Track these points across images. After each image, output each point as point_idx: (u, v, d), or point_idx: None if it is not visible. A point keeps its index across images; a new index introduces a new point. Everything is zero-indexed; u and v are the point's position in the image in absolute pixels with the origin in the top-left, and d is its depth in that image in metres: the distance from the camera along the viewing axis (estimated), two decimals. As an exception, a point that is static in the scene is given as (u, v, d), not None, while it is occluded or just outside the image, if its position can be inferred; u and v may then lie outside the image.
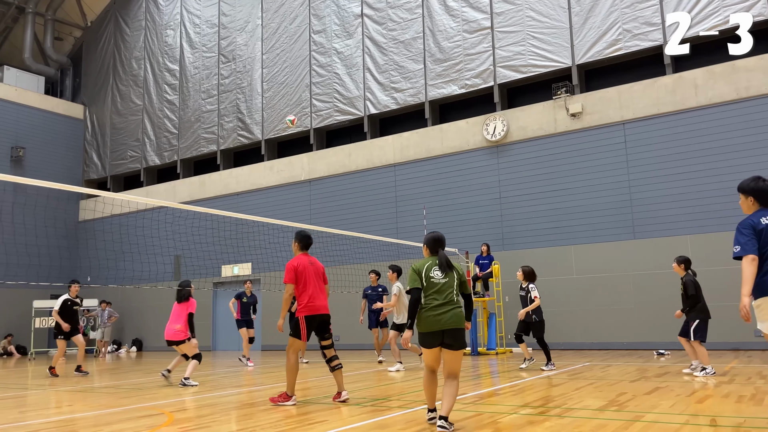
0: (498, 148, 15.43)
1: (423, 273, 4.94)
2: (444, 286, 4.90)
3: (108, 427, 5.57)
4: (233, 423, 5.77)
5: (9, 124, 22.16)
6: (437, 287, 4.89)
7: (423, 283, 4.90)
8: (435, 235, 5.19)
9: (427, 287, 4.90)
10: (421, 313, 4.88)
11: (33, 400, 8.35)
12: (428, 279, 4.91)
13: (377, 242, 14.68)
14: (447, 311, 4.83)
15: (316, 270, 6.71)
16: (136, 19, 23.73)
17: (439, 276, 4.92)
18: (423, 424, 5.17)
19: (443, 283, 4.91)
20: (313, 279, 6.61)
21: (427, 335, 4.87)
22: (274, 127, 19.56)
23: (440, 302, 4.85)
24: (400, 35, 17.34)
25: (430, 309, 4.85)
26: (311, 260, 6.79)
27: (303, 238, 6.93)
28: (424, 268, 4.96)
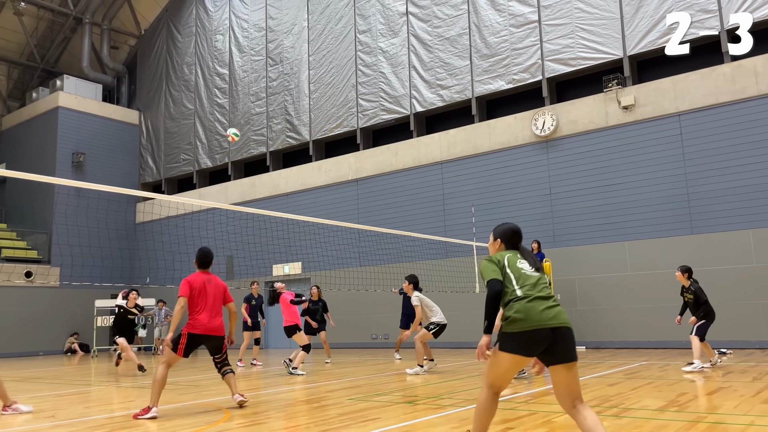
0: (547, 143, 15.17)
1: (505, 262, 3.73)
2: (539, 280, 3.67)
3: (169, 422, 5.75)
4: (288, 419, 5.87)
5: (70, 131, 23.11)
6: (531, 279, 3.65)
7: (508, 272, 3.68)
8: (513, 227, 3.96)
9: (518, 278, 3.65)
10: (518, 305, 3.52)
11: (97, 396, 8.70)
12: (515, 269, 3.69)
13: (424, 241, 14.66)
14: (552, 306, 3.54)
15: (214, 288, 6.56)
16: (187, 26, 24.38)
17: (528, 267, 3.73)
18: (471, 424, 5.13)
19: (537, 276, 3.69)
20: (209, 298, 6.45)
21: (523, 336, 3.47)
22: (321, 128, 19.77)
23: (540, 295, 3.57)
24: (445, 32, 17.25)
25: (534, 300, 3.53)
26: (210, 278, 6.65)
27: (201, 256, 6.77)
28: (506, 257, 3.76)
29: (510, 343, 3.51)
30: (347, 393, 7.49)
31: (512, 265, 3.72)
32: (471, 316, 15.39)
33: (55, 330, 21.24)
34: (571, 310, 14.15)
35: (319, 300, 12.60)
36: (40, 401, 7.67)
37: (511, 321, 3.51)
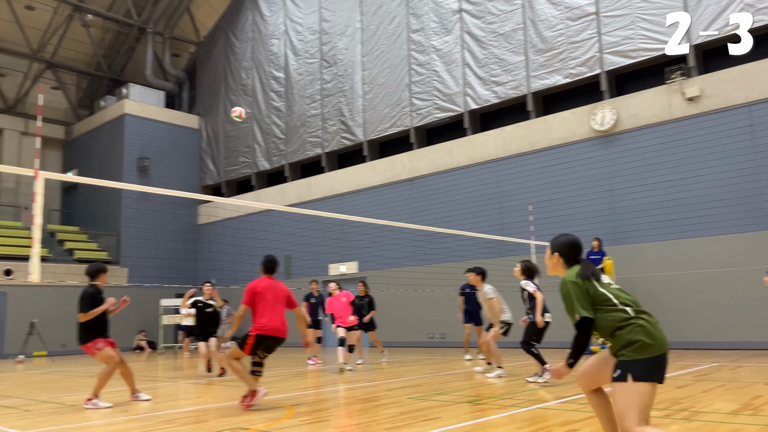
0: (607, 138, 14.78)
1: (593, 287, 3.26)
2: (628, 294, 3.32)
3: (236, 418, 5.93)
4: (349, 417, 5.95)
5: (135, 137, 24.08)
6: (625, 295, 3.29)
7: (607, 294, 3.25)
8: (571, 239, 3.57)
9: (618, 297, 3.24)
10: (637, 324, 3.13)
11: (164, 392, 9.04)
12: (608, 289, 3.28)
13: (480, 239, 14.54)
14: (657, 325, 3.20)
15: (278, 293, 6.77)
16: (244, 32, 24.98)
17: (613, 283, 3.37)
18: (539, 423, 5.08)
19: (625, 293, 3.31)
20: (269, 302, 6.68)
21: (659, 360, 3.10)
22: (375, 128, 19.88)
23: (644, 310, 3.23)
24: (499, 28, 17.05)
25: (649, 319, 3.17)
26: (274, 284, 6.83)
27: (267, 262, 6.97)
28: (589, 280, 3.29)
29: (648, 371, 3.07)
30: (407, 392, 7.52)
31: (601, 286, 3.28)
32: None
33: (124, 328, 22.15)
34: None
35: (366, 296, 12.59)
36: (114, 396, 8.03)
37: (639, 348, 3.08)
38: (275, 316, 6.63)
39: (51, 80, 26.81)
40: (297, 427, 5.34)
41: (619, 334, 3.13)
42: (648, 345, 3.08)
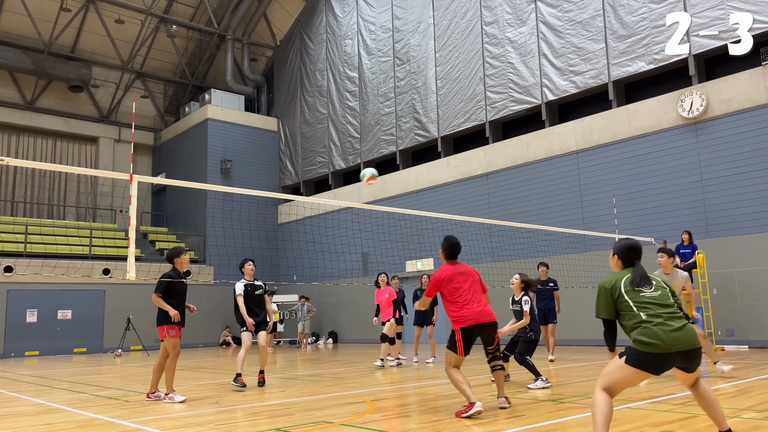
0: (696, 125, 13.99)
1: (621, 291, 3.87)
2: (661, 299, 3.81)
3: (319, 412, 6.06)
4: (432, 413, 5.94)
5: (218, 141, 25.08)
6: (654, 301, 3.80)
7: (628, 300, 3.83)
8: (630, 243, 4.08)
9: (638, 305, 3.80)
10: (645, 328, 3.71)
11: (250, 386, 9.36)
12: (635, 296, 3.83)
13: (561, 234, 14.14)
14: (682, 326, 3.70)
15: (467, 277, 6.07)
16: (318, 33, 25.45)
17: (649, 290, 3.85)
18: (629, 423, 4.88)
19: (659, 296, 3.82)
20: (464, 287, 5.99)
21: (656, 357, 3.67)
22: (449, 124, 19.75)
23: (668, 313, 3.74)
24: (577, 15, 16.50)
25: (661, 324, 3.69)
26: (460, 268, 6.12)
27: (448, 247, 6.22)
28: (620, 285, 3.89)
29: (640, 360, 3.72)
30: (487, 389, 7.43)
31: (629, 292, 3.87)
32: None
33: (211, 324, 23.16)
34: (730, 306, 12.97)
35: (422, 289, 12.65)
36: (205, 389, 8.41)
37: (642, 344, 3.71)
38: (473, 301, 5.93)
39: (140, 89, 28.37)
40: (379, 422, 5.39)
41: (632, 334, 3.80)
42: (647, 344, 3.68)
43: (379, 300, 11.87)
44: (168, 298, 7.44)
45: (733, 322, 12.91)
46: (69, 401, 7.71)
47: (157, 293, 7.41)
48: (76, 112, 27.04)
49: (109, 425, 5.75)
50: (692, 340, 3.69)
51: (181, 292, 7.59)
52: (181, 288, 7.57)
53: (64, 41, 25.44)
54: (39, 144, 26.49)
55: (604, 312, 3.92)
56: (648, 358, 3.68)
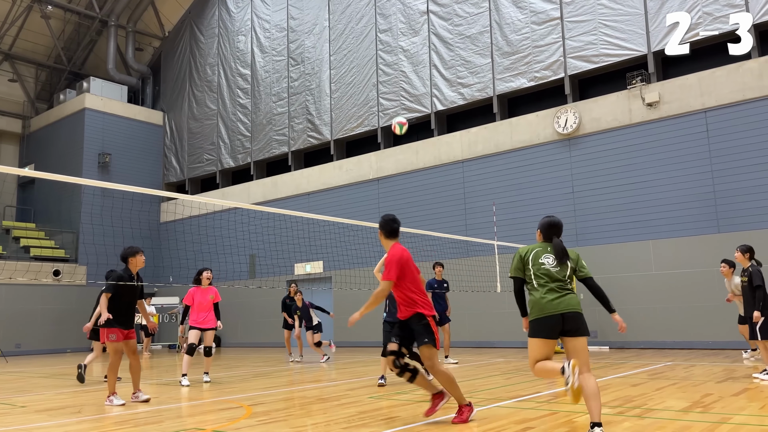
0: (570, 141, 15.02)
1: (531, 258, 4.52)
2: (558, 273, 4.45)
3: (191, 419, 5.83)
4: (308, 417, 5.90)
5: (96, 132, 23.51)
6: (549, 273, 4.44)
7: (530, 269, 4.49)
8: (551, 220, 4.69)
9: (536, 273, 4.46)
10: (534, 297, 4.43)
11: (121, 393, 8.83)
12: (537, 264, 4.48)
13: (446, 240, 14.62)
14: (564, 295, 4.37)
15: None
16: (210, 27, 24.63)
17: (550, 263, 4.47)
18: (495, 422, 5.11)
19: (557, 270, 4.45)
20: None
21: (542, 321, 4.34)
22: (342, 127, 19.82)
23: (554, 287, 4.39)
24: (466, 30, 17.18)
25: (548, 292, 4.38)
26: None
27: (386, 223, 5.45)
28: (533, 253, 4.54)
29: (533, 328, 4.45)
30: (367, 391, 7.50)
31: (536, 259, 4.53)
32: (493, 315, 15.34)
33: (82, 328, 21.61)
34: (594, 309, 13.93)
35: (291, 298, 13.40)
36: (67, 396, 7.81)
37: (531, 310, 4.47)
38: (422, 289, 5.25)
39: (8, 72, 26.01)
40: (254, 428, 5.27)
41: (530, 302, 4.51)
42: (534, 308, 4.42)
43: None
44: (117, 300, 6.92)
45: (597, 324, 13.95)
46: None
47: (107, 293, 6.90)
48: (-71, 92, 24.31)
49: (-51, 440, 5.19)
50: (574, 306, 4.36)
51: (133, 294, 7.00)
52: (132, 290, 6.97)
53: None
54: None
55: (513, 271, 4.62)
56: (537, 324, 4.40)
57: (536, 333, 4.40)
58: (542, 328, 4.36)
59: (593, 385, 4.25)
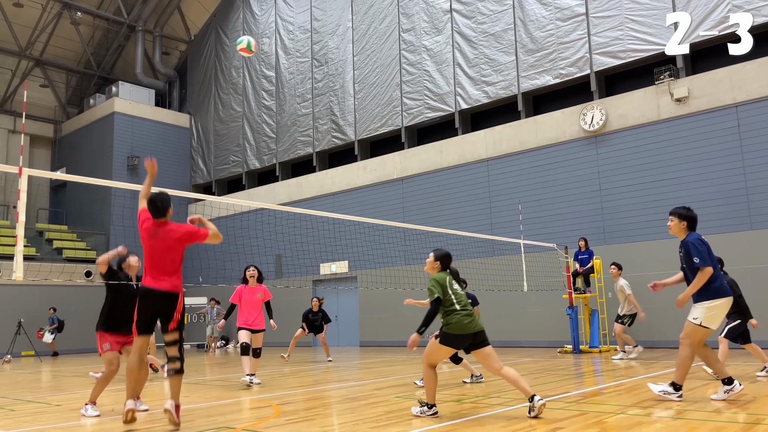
0: (596, 138, 14.84)
1: (447, 285, 5.60)
2: (465, 298, 5.63)
3: (221, 417, 5.91)
4: (336, 416, 5.94)
5: (125, 135, 23.96)
6: (461, 297, 5.57)
7: (450, 292, 5.54)
8: (446, 252, 5.88)
9: (456, 297, 5.54)
10: (456, 317, 5.45)
11: (152, 391, 8.98)
12: (454, 291, 5.59)
13: (471, 239, 14.56)
14: (474, 318, 5.53)
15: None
16: (234, 30, 24.89)
17: (459, 289, 5.65)
18: (524, 422, 5.08)
19: (463, 294, 5.65)
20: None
21: (458, 337, 5.46)
22: (366, 128, 19.88)
23: (468, 311, 5.52)
24: (490, 28, 17.09)
25: (466, 315, 5.46)
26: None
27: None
28: (446, 281, 5.62)
29: (449, 340, 5.47)
30: (394, 391, 7.52)
31: (451, 286, 5.61)
32: (520, 315, 15.23)
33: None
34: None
35: (320, 311, 13.67)
36: (100, 396, 7.97)
37: (450, 327, 5.45)
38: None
39: (40, 78, 26.63)
40: (283, 426, 5.32)
41: (446, 318, 5.50)
42: (454, 326, 5.43)
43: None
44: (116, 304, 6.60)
45: (626, 323, 13.76)
46: None
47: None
48: (-35, 99, 25.03)
49: (-11, 437, 5.35)
50: (478, 325, 5.48)
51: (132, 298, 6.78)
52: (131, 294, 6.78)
53: (-48, 22, 23.49)
54: None
55: (440, 293, 5.52)
56: (455, 338, 5.45)
57: (452, 344, 5.50)
58: (457, 342, 5.48)
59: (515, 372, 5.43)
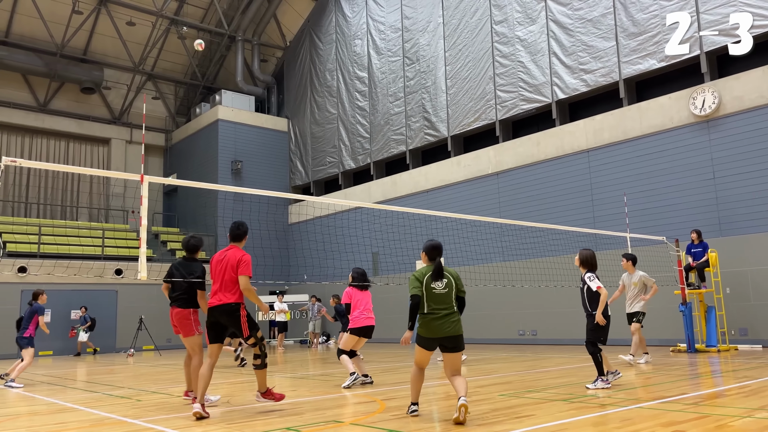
0: (708, 123, 13.88)
1: (424, 282, 5.40)
2: (445, 297, 5.39)
3: (329, 411, 6.08)
4: (441, 413, 5.94)
5: (228, 141, 25.21)
6: (439, 298, 5.36)
7: (424, 291, 5.37)
8: (434, 243, 5.62)
9: (428, 297, 5.36)
10: (424, 319, 5.38)
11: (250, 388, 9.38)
12: (429, 290, 5.37)
13: (572, 233, 14.08)
14: (448, 320, 5.34)
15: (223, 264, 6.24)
16: (328, 34, 25.50)
17: (440, 287, 5.38)
18: (639, 423, 4.85)
19: (444, 294, 5.39)
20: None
21: (427, 340, 5.41)
22: (459, 123, 19.71)
23: (442, 312, 5.34)
24: (587, 14, 16.41)
25: (434, 319, 5.34)
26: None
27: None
28: (425, 278, 5.42)
29: (420, 341, 5.51)
30: (498, 389, 7.42)
31: (428, 285, 5.40)
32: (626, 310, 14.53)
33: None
34: (744, 305, 12.84)
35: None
36: (215, 388, 8.46)
37: (420, 328, 5.44)
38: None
39: (151, 91, 28.56)
40: (389, 422, 5.40)
41: (419, 320, 5.43)
42: (423, 328, 5.42)
43: None
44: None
45: (747, 321, 12.80)
46: (82, 400, 7.78)
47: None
48: (88, 113, 27.28)
49: (121, 424, 5.80)
50: (455, 329, 5.36)
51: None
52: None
53: (76, 43, 25.66)
54: (52, 145, 26.74)
55: (417, 290, 5.39)
56: (423, 340, 5.44)
57: (423, 345, 5.47)
58: (427, 344, 5.44)
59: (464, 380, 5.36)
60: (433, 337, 5.34)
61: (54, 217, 25.91)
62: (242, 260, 6.23)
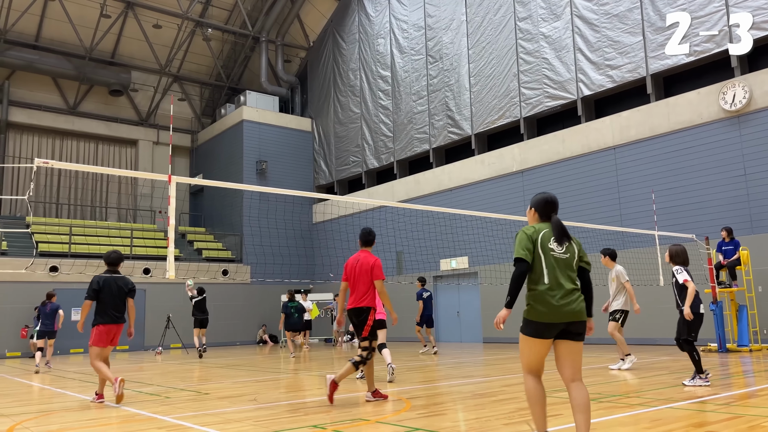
0: (739, 118, 13.59)
1: (539, 242, 3.77)
2: (567, 263, 3.77)
3: (356, 410, 6.10)
4: (467, 412, 5.92)
5: (253, 142, 25.43)
6: (562, 264, 3.76)
7: (540, 254, 3.75)
8: (546, 196, 3.96)
9: (546, 263, 3.73)
10: (538, 296, 3.71)
11: (287, 383, 9.47)
12: (547, 252, 3.75)
13: (599, 231, 13.89)
14: (574, 299, 3.72)
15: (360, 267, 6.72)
16: (351, 33, 25.56)
17: (559, 250, 3.77)
18: (670, 424, 4.78)
19: (565, 258, 3.76)
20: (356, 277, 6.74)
21: (544, 326, 3.70)
22: (483, 121, 19.60)
23: (564, 285, 3.71)
24: (613, 9, 16.19)
25: (554, 295, 3.69)
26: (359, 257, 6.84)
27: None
28: (541, 235, 3.79)
29: (530, 329, 3.75)
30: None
31: (544, 245, 3.77)
32: (657, 311, 14.32)
33: (248, 322, 23.52)
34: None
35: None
36: (243, 386, 8.55)
37: (531, 310, 3.74)
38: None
39: (177, 92, 28.95)
40: (415, 420, 5.40)
41: (528, 294, 3.77)
42: (535, 310, 3.71)
43: None
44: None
45: (780, 320, 12.50)
46: (112, 397, 7.93)
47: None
48: (116, 115, 27.77)
49: (151, 420, 5.90)
50: (581, 313, 3.72)
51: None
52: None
53: (104, 47, 26.13)
54: (81, 147, 27.27)
55: (523, 253, 3.74)
56: (535, 326, 3.73)
57: (533, 334, 3.76)
58: (541, 331, 3.73)
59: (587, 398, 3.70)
60: (553, 321, 3.66)
61: (84, 217, 26.44)
62: (375, 265, 6.75)
